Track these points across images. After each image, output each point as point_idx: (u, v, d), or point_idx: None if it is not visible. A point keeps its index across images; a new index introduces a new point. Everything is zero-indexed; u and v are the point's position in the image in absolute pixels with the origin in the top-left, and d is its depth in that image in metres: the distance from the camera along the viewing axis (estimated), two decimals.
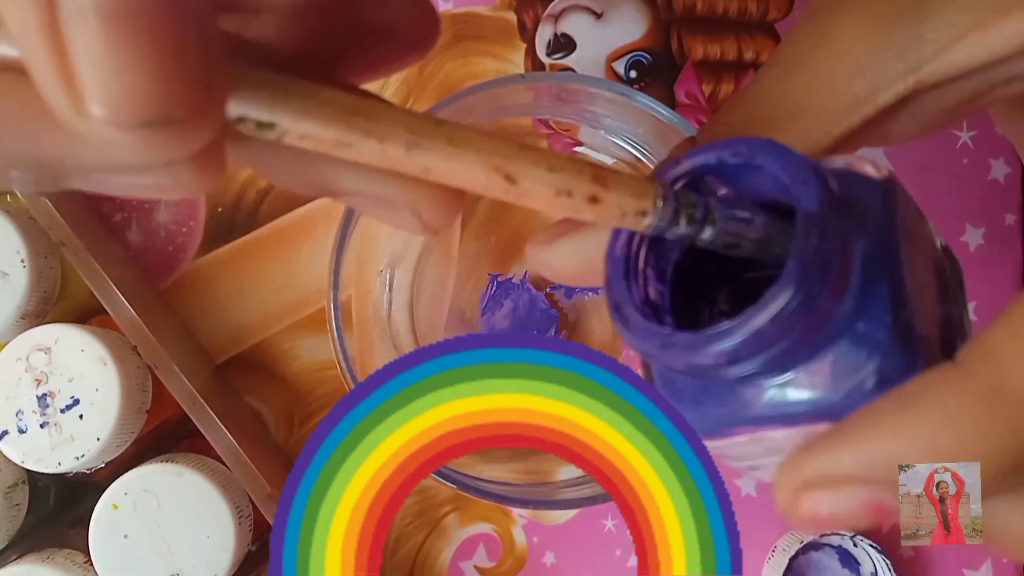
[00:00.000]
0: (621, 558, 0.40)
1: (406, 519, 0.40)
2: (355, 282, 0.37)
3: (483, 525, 0.40)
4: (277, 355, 0.40)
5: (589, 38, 0.40)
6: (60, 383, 0.33)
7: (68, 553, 0.35)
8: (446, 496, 0.40)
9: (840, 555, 0.40)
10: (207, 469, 0.34)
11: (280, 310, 0.40)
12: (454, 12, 0.41)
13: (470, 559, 0.40)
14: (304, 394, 0.40)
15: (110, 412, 0.33)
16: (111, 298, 0.34)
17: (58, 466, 0.33)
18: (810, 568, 0.40)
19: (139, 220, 0.40)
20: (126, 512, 0.33)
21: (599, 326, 0.39)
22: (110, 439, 0.33)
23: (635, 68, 0.40)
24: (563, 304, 0.39)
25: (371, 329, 0.37)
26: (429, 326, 0.38)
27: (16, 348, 0.33)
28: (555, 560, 0.40)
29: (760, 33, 0.40)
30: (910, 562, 0.40)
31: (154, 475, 0.33)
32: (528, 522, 0.40)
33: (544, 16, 0.40)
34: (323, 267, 0.32)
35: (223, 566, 0.33)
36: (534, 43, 0.40)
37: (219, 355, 0.40)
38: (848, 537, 0.39)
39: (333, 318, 0.30)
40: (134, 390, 0.34)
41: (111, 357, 0.33)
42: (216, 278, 0.40)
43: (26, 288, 0.34)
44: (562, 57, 0.40)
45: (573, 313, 0.39)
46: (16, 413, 0.33)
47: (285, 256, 0.40)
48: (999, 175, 0.40)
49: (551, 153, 0.17)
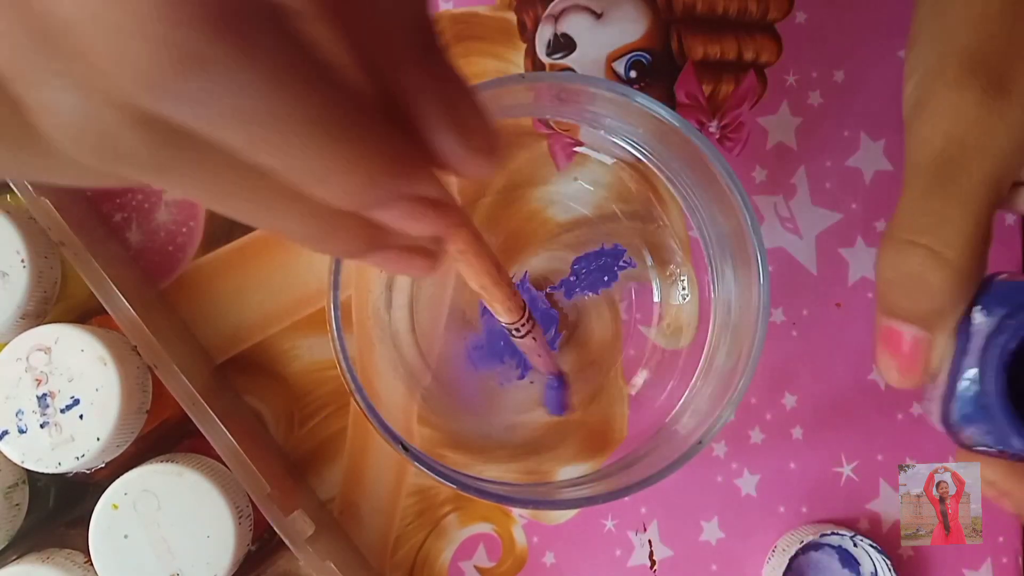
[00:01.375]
0: (621, 558, 0.40)
1: (406, 519, 0.40)
2: (355, 282, 0.37)
3: (483, 525, 0.40)
4: (277, 355, 0.40)
5: (589, 38, 0.40)
6: (60, 383, 0.33)
7: (68, 553, 0.35)
8: (446, 496, 0.40)
9: (840, 555, 0.40)
10: (207, 469, 0.34)
11: (280, 310, 0.40)
12: (454, 12, 0.41)
13: (470, 559, 0.40)
14: (304, 394, 0.40)
15: (110, 412, 0.33)
16: (111, 298, 0.34)
17: (58, 466, 0.33)
18: (810, 568, 0.40)
19: (139, 220, 0.40)
20: (126, 512, 0.33)
21: (599, 326, 0.39)
22: (110, 439, 0.33)
23: (635, 68, 0.40)
24: (563, 304, 0.39)
25: (371, 329, 0.37)
26: (429, 326, 0.38)
27: (16, 348, 0.33)
28: (555, 560, 0.40)
29: (760, 33, 0.40)
30: (910, 562, 0.40)
31: (154, 475, 0.33)
32: (528, 522, 0.40)
33: (544, 16, 0.40)
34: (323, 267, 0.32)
35: (223, 566, 0.33)
36: (534, 43, 0.40)
37: (219, 355, 0.40)
38: (848, 537, 0.39)
39: (333, 318, 0.30)
40: (134, 390, 0.34)
41: (111, 357, 0.33)
42: (216, 278, 0.40)
43: (26, 288, 0.34)
44: (562, 57, 0.40)
45: (573, 313, 0.39)
46: (16, 413, 0.33)
47: (285, 256, 0.40)
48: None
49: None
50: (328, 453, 0.40)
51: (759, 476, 0.40)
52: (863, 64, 0.40)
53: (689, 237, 0.38)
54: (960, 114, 0.26)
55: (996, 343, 0.25)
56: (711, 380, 0.35)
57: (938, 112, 0.27)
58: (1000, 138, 0.26)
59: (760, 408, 0.40)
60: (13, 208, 0.35)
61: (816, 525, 0.39)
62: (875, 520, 0.40)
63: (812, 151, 0.40)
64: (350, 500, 0.40)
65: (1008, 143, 0.26)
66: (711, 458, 0.40)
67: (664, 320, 0.39)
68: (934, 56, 0.28)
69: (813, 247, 0.40)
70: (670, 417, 0.36)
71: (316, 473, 0.40)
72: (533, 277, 0.39)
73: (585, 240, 0.39)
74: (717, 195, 0.33)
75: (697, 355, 0.36)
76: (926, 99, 0.27)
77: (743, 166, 0.40)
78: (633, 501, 0.40)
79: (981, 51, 0.27)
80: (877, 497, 0.40)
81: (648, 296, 0.39)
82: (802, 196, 0.40)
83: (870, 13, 0.40)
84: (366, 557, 0.40)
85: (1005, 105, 0.26)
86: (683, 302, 0.39)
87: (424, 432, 0.38)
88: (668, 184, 0.37)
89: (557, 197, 0.39)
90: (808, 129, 0.40)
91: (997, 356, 0.25)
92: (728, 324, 0.35)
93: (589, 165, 0.38)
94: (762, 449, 0.40)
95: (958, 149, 0.26)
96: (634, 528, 0.40)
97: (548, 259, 0.39)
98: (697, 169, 0.33)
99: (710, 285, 0.37)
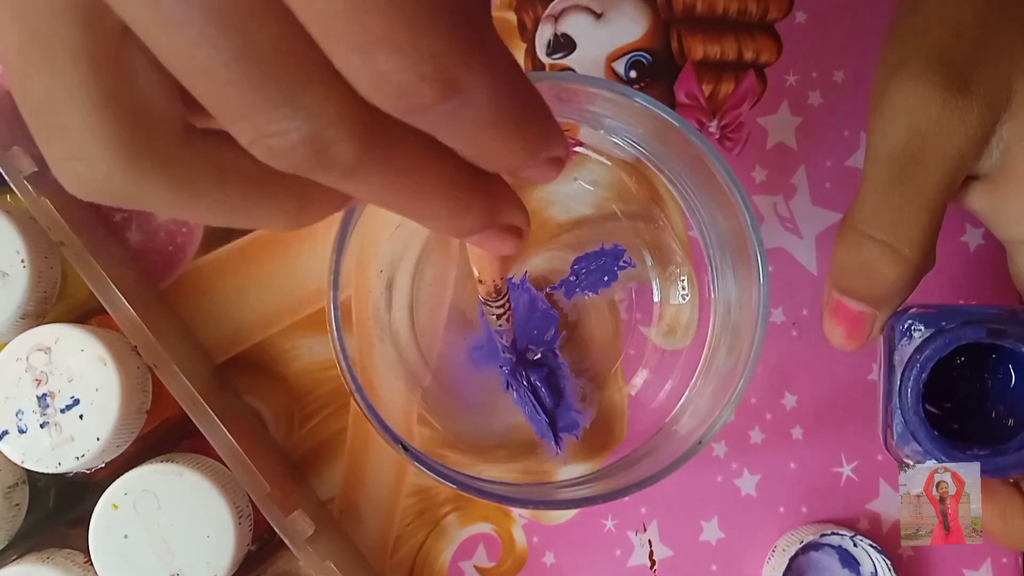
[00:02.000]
0: (621, 558, 0.40)
1: (406, 519, 0.40)
2: (355, 282, 0.37)
3: (483, 525, 0.40)
4: (277, 355, 0.40)
5: (589, 38, 0.40)
6: (60, 383, 0.33)
7: (68, 553, 0.35)
8: (446, 496, 0.40)
9: (840, 555, 0.40)
10: (207, 469, 0.34)
11: (280, 310, 0.40)
12: None
13: (470, 559, 0.40)
14: (304, 394, 0.40)
15: (110, 412, 0.33)
16: (111, 298, 0.34)
17: (58, 466, 0.33)
18: (810, 568, 0.40)
19: (139, 220, 0.40)
20: (126, 512, 0.33)
21: (599, 326, 0.39)
22: (110, 439, 0.33)
23: (635, 68, 0.40)
24: (563, 304, 0.39)
25: (371, 329, 0.37)
26: (429, 326, 0.38)
27: (16, 348, 0.33)
28: (555, 560, 0.40)
29: (760, 33, 0.40)
30: (910, 562, 0.40)
31: (154, 475, 0.33)
32: (528, 522, 0.40)
33: (544, 16, 0.40)
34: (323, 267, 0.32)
35: (223, 566, 0.33)
36: (534, 43, 0.40)
37: (219, 355, 0.40)
38: (848, 537, 0.39)
39: (333, 318, 0.30)
40: (134, 390, 0.34)
41: (111, 357, 0.33)
42: (216, 278, 0.40)
43: (26, 288, 0.34)
44: (562, 57, 0.40)
45: (573, 313, 0.39)
46: (16, 413, 0.33)
47: (285, 256, 0.40)
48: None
49: None
50: (328, 453, 0.40)
51: (759, 476, 0.40)
52: (863, 64, 0.40)
53: (689, 237, 0.38)
54: (921, 110, 0.27)
55: (909, 377, 0.29)
56: (711, 380, 0.35)
57: (900, 105, 0.28)
58: (958, 138, 0.27)
59: (760, 408, 0.40)
60: (13, 208, 0.35)
61: (816, 525, 0.39)
62: (875, 520, 0.40)
63: (812, 151, 0.40)
64: (350, 500, 0.40)
65: (965, 143, 0.27)
66: (711, 458, 0.40)
67: (664, 320, 0.39)
68: (904, 49, 0.29)
69: (813, 247, 0.40)
70: (670, 417, 0.36)
71: (316, 473, 0.40)
72: (533, 277, 0.39)
73: (585, 240, 0.39)
74: (717, 195, 0.33)
75: (697, 355, 0.36)
76: (892, 90, 0.28)
77: (743, 166, 0.40)
78: (633, 501, 0.40)
79: (949, 49, 0.28)
80: (877, 497, 0.40)
81: (648, 296, 0.39)
82: (802, 196, 0.40)
83: (870, 13, 0.40)
84: (366, 557, 0.40)
85: (965, 105, 0.27)
86: (683, 302, 0.39)
87: (424, 432, 0.38)
88: (668, 184, 0.37)
89: (557, 197, 0.39)
90: (808, 129, 0.40)
91: (912, 390, 0.29)
92: (728, 324, 0.35)
93: (589, 165, 0.38)
94: (762, 449, 0.40)
95: (918, 147, 0.27)
96: (634, 528, 0.40)
97: (548, 259, 0.39)
98: (697, 169, 0.33)
99: (710, 285, 0.37)
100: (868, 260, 0.28)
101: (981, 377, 0.32)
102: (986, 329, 0.28)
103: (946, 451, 0.29)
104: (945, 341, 0.28)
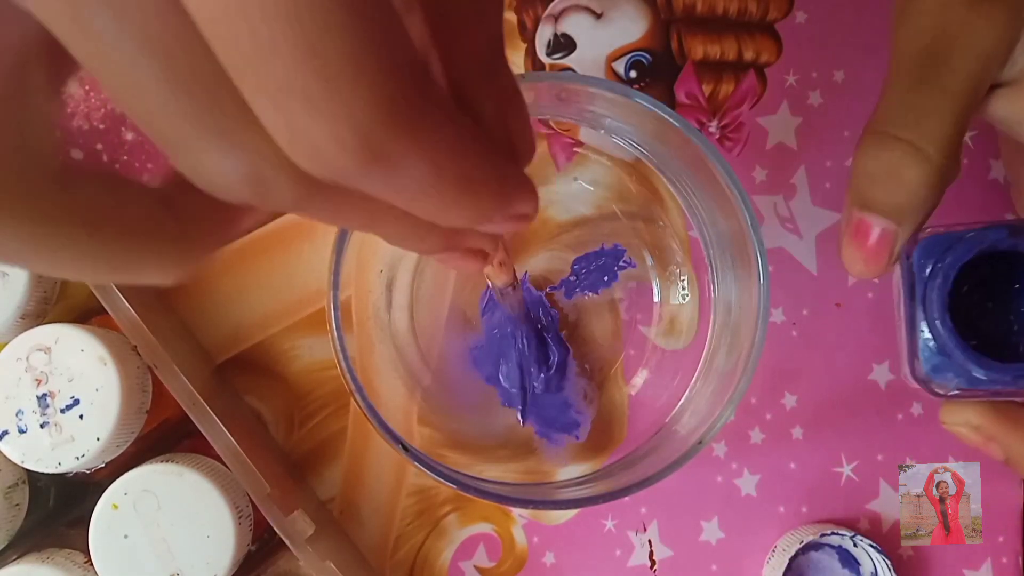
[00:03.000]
0: (621, 558, 0.40)
1: (406, 519, 0.40)
2: (355, 282, 0.37)
3: (483, 525, 0.40)
4: (277, 355, 0.40)
5: (589, 38, 0.40)
6: (60, 383, 0.33)
7: (68, 553, 0.35)
8: (446, 496, 0.40)
9: (840, 555, 0.40)
10: (207, 469, 0.34)
11: (280, 310, 0.40)
12: None
13: (470, 559, 0.40)
14: (304, 394, 0.40)
15: (110, 412, 0.33)
16: (111, 298, 0.34)
17: (58, 466, 0.33)
18: (810, 568, 0.40)
19: None
20: (126, 512, 0.33)
21: (599, 326, 0.39)
22: (110, 439, 0.33)
23: (635, 68, 0.40)
24: (563, 304, 0.39)
25: (371, 329, 0.37)
26: (429, 326, 0.38)
27: (16, 348, 0.33)
28: (555, 560, 0.40)
29: (760, 33, 0.40)
30: (910, 562, 0.40)
31: (154, 475, 0.33)
32: (528, 522, 0.40)
33: (544, 16, 0.40)
34: (323, 267, 0.32)
35: (223, 566, 0.33)
36: (534, 43, 0.40)
37: (219, 355, 0.40)
38: (848, 537, 0.39)
39: (333, 318, 0.30)
40: (134, 390, 0.34)
41: (111, 357, 0.33)
42: (216, 278, 0.40)
43: (26, 288, 0.34)
44: (562, 57, 0.40)
45: (573, 313, 0.39)
46: (16, 413, 0.33)
47: (285, 256, 0.40)
48: (999, 175, 0.40)
49: None
50: (328, 453, 0.40)
51: (759, 476, 0.40)
52: (863, 64, 0.40)
53: (689, 237, 0.38)
54: (948, 10, 0.27)
55: (933, 287, 0.27)
56: (711, 380, 0.35)
57: (926, 7, 0.27)
58: (986, 39, 0.27)
59: (760, 408, 0.40)
60: None
61: (816, 525, 0.39)
62: (875, 520, 0.40)
63: (812, 151, 0.40)
64: (350, 500, 0.40)
65: (992, 44, 0.27)
66: (711, 458, 0.40)
67: (664, 320, 0.39)
68: None
69: (813, 247, 0.40)
70: (670, 417, 0.36)
71: (316, 473, 0.40)
72: (533, 277, 0.39)
73: (585, 240, 0.39)
74: (717, 195, 0.33)
75: (697, 355, 0.36)
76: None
77: (743, 166, 0.40)
78: (633, 501, 0.40)
79: None
80: (877, 497, 0.40)
81: (648, 296, 0.39)
82: (802, 196, 0.40)
83: (870, 13, 0.40)
84: (366, 557, 0.40)
85: (993, 7, 0.26)
86: (683, 302, 0.39)
87: (424, 432, 0.38)
88: (668, 184, 0.37)
89: (557, 197, 0.39)
90: (808, 129, 0.40)
91: (937, 300, 0.27)
92: (728, 324, 0.35)
93: (589, 165, 0.38)
94: (762, 449, 0.40)
95: (944, 46, 0.27)
96: (634, 528, 0.40)
97: (548, 259, 0.39)
98: (697, 169, 0.33)
99: (710, 285, 0.37)
100: (891, 162, 0.27)
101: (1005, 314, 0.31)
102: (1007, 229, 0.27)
103: (981, 361, 0.27)
104: (967, 247, 0.27)
